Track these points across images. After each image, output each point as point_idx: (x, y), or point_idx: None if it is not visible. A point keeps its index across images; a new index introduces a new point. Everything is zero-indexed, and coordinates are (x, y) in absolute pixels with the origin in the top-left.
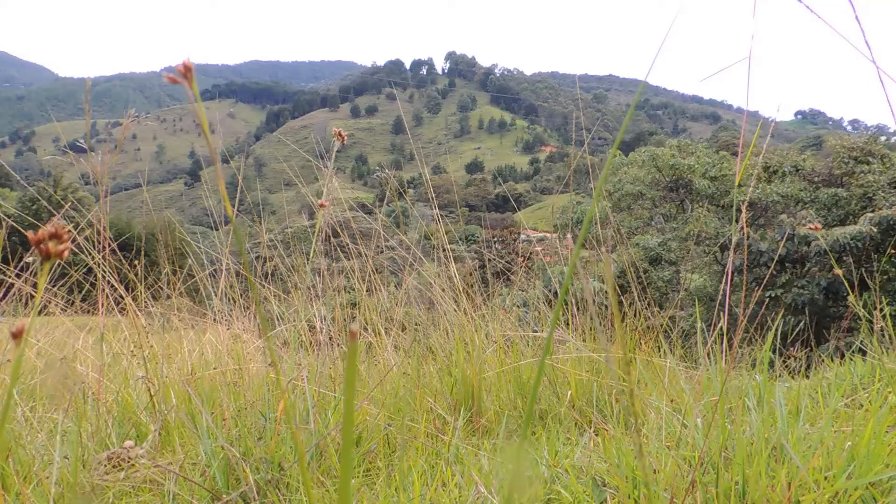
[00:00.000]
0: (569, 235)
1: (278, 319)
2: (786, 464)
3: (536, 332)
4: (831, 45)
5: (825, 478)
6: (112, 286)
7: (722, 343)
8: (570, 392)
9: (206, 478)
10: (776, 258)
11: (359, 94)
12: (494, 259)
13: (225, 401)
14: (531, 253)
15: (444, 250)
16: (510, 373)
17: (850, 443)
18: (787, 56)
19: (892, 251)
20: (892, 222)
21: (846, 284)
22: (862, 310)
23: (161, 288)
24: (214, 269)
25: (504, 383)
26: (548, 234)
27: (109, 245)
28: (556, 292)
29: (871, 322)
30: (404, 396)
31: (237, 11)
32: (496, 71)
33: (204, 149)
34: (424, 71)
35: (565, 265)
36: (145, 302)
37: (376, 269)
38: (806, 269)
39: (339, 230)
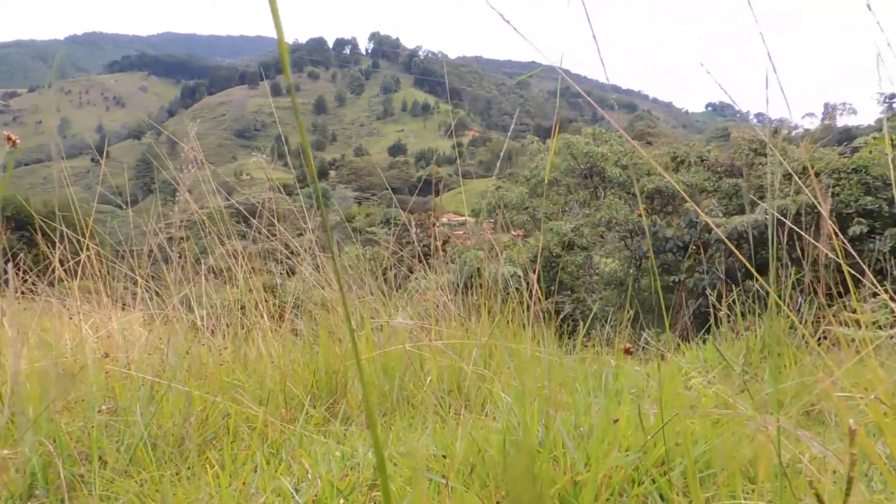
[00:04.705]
0: (488, 220)
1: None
2: (581, 445)
3: (402, 321)
4: (744, 40)
5: (634, 461)
6: None
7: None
8: (429, 378)
9: (21, 473)
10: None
11: (279, 71)
12: (391, 246)
13: (56, 392)
14: (449, 237)
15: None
16: (378, 359)
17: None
18: (702, 49)
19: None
20: (784, 212)
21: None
22: (713, 298)
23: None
24: (123, 252)
25: (374, 369)
26: (469, 219)
27: None
28: (469, 277)
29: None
30: (268, 384)
31: None
32: (420, 53)
33: (113, 123)
34: (348, 51)
35: (479, 250)
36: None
37: (266, 255)
38: (708, 255)
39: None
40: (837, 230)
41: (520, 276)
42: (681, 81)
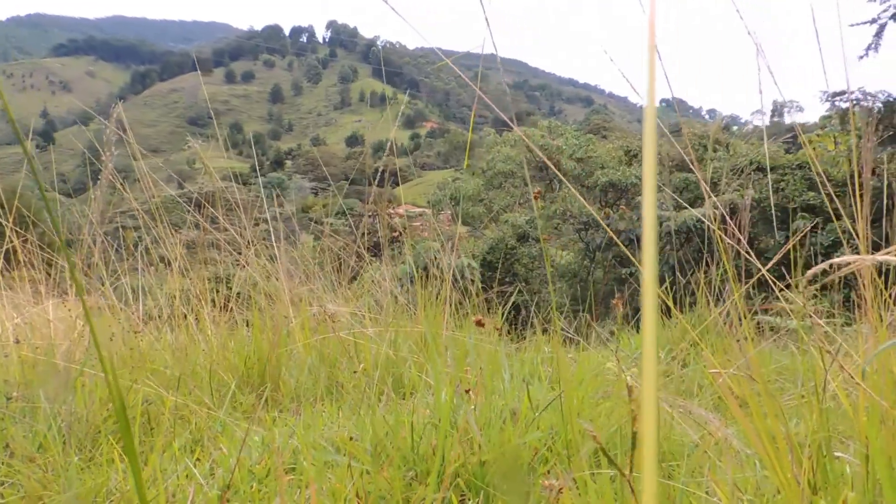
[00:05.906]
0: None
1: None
2: (496, 427)
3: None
4: (697, 39)
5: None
6: None
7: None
8: (361, 365)
9: None
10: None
11: (234, 58)
12: (339, 238)
13: None
14: (405, 228)
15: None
16: (315, 346)
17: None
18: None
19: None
20: (732, 206)
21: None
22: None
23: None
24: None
25: (310, 356)
26: (426, 210)
27: None
28: (425, 267)
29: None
30: (199, 372)
31: None
32: (378, 43)
33: (58, 108)
34: (305, 39)
35: (431, 240)
36: None
37: (211, 245)
38: (659, 247)
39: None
40: (781, 224)
41: (474, 268)
42: (637, 76)
